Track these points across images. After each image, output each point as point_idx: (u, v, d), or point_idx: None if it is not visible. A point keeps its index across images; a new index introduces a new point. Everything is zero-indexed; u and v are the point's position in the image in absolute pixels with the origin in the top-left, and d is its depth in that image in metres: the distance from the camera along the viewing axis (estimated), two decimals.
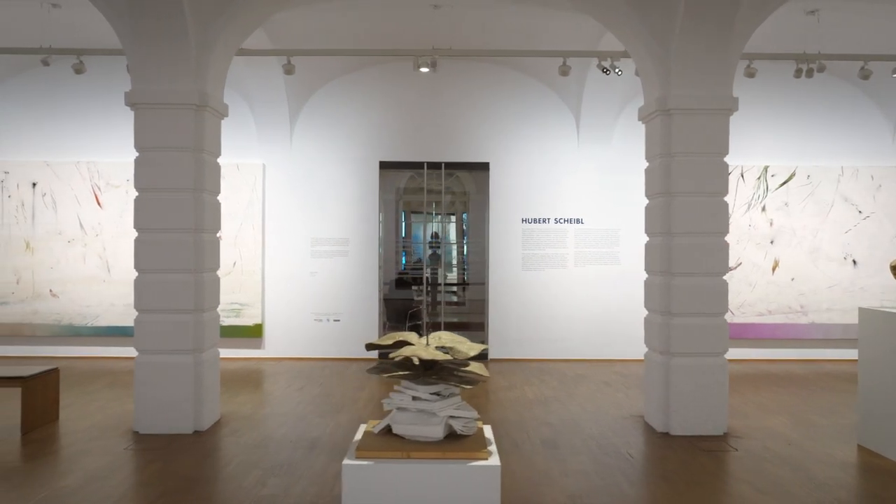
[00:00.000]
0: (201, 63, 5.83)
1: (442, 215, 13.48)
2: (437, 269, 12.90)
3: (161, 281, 5.82)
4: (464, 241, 15.93)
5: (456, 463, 3.15)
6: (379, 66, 9.67)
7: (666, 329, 5.94)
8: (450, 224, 15.42)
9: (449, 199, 10.44)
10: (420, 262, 15.42)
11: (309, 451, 5.32)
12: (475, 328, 10.76)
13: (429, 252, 13.65)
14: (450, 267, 14.01)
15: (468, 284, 11.35)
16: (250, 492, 4.45)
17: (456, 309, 11.10)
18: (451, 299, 10.57)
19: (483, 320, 10.65)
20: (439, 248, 13.64)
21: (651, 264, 6.23)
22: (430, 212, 14.36)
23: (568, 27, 8.32)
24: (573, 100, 9.65)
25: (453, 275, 13.77)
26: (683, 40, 5.74)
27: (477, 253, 11.56)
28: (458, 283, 12.10)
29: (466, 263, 14.97)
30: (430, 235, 14.29)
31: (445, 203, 14.35)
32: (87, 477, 4.71)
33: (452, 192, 10.36)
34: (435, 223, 15.14)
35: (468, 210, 15.51)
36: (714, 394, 5.89)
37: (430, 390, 3.34)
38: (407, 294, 10.77)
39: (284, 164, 9.71)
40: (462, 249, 15.01)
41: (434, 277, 12.29)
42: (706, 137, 5.88)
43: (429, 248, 13.65)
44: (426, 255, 13.79)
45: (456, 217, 15.77)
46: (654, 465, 5.09)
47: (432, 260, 13.24)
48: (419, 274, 12.58)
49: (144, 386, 5.81)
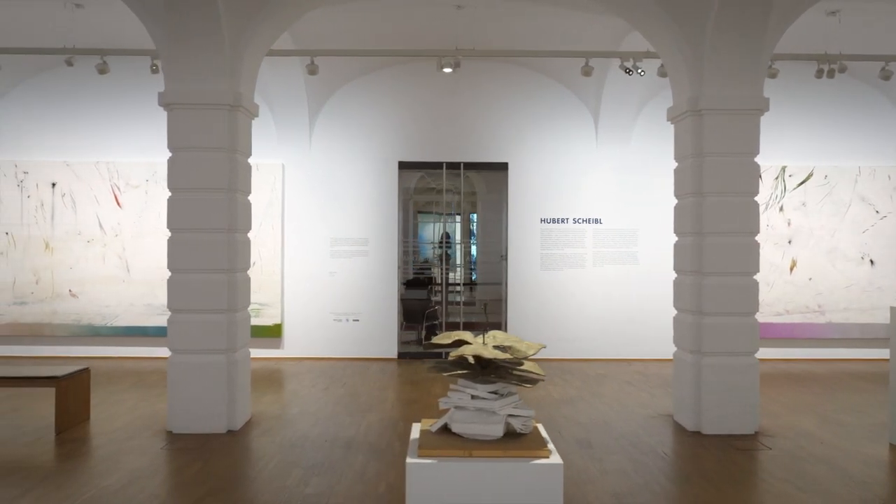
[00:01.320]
0: (235, 63, 5.84)
1: (451, 216, 13.53)
2: (447, 269, 12.94)
3: (194, 281, 5.82)
4: (471, 240, 15.98)
5: (518, 461, 3.17)
6: (398, 67, 9.69)
7: (697, 328, 5.97)
8: (461, 224, 15.47)
9: (460, 199, 10.46)
10: (426, 262, 15.46)
11: (346, 451, 5.34)
12: (493, 328, 10.75)
13: (438, 252, 13.69)
14: (455, 267, 14.03)
15: (487, 285, 11.34)
16: (294, 491, 4.47)
17: (471, 308, 11.10)
18: (462, 299, 10.56)
19: (500, 320, 10.69)
20: (450, 248, 13.67)
21: (681, 264, 6.26)
22: (439, 212, 14.40)
23: (589, 28, 8.35)
24: (592, 100, 9.68)
25: (458, 275, 13.80)
26: (716, 40, 5.76)
27: (490, 253, 11.57)
28: (476, 283, 12.09)
29: (474, 263, 15.01)
30: (440, 235, 14.33)
31: (456, 203, 14.34)
32: (129, 476, 4.72)
33: (462, 193, 10.36)
34: (445, 223, 15.18)
35: (477, 210, 15.55)
36: (745, 393, 5.92)
37: (488, 389, 3.36)
38: (420, 294, 10.78)
39: (304, 164, 9.73)
40: (470, 250, 15.04)
41: (444, 277, 12.31)
42: (737, 138, 5.91)
43: (438, 247, 13.69)
44: (435, 254, 13.81)
45: (462, 217, 15.82)
46: (692, 464, 5.11)
47: (442, 260, 13.27)
48: (430, 274, 12.62)
49: (178, 386, 5.82)
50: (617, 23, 8.18)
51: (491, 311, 10.24)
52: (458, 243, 14.74)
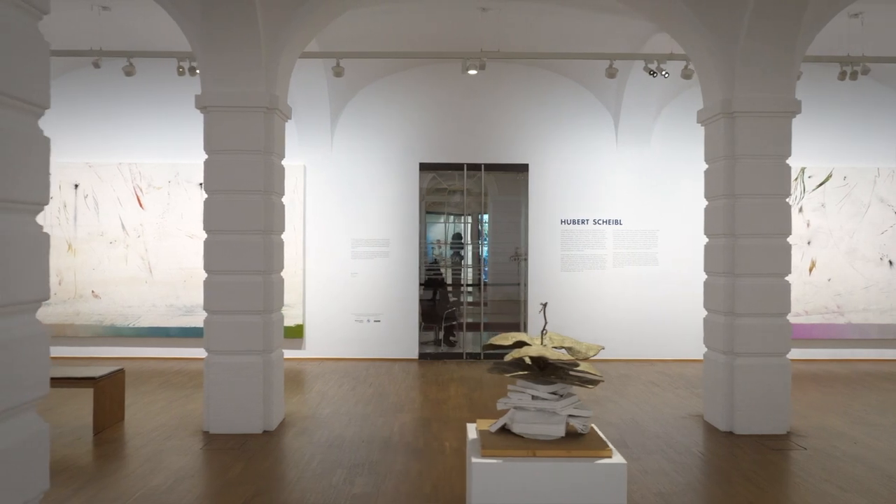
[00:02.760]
0: (271, 66, 5.89)
1: (461, 216, 13.52)
2: (459, 270, 12.97)
3: (231, 282, 5.86)
4: (479, 241, 15.98)
5: (583, 461, 3.21)
6: (419, 68, 9.73)
7: (729, 329, 6.01)
8: (479, 224, 15.48)
9: (476, 199, 10.53)
10: (434, 262, 15.47)
11: (384, 451, 5.38)
12: (509, 328, 10.82)
13: (450, 252, 13.71)
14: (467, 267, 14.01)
15: (500, 286, 11.33)
16: (341, 490, 4.51)
17: (489, 308, 11.10)
18: (484, 299, 10.58)
19: (518, 320, 10.73)
20: (462, 249, 13.70)
21: (712, 265, 6.30)
22: (449, 212, 14.41)
23: (613, 30, 8.39)
24: (612, 102, 9.72)
25: (471, 275, 13.80)
26: (749, 43, 5.81)
27: (504, 253, 11.57)
28: (490, 284, 12.06)
29: (487, 264, 15.01)
30: (452, 236, 14.36)
31: (468, 204, 14.35)
32: (175, 476, 4.76)
33: (483, 193, 10.39)
34: (457, 223, 15.17)
35: (488, 211, 15.57)
36: (777, 393, 5.96)
37: (548, 390, 3.40)
38: (436, 294, 10.82)
39: (325, 166, 9.77)
40: (482, 250, 15.04)
41: (456, 279, 12.34)
42: (769, 140, 5.96)
43: (450, 248, 13.71)
44: (448, 255, 13.82)
45: (472, 218, 15.81)
46: (730, 464, 5.15)
47: (454, 261, 13.29)
48: (440, 275, 12.63)
49: (215, 386, 5.85)
50: (640, 25, 8.23)
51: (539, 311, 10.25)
52: (476, 244, 14.77)
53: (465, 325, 10.33)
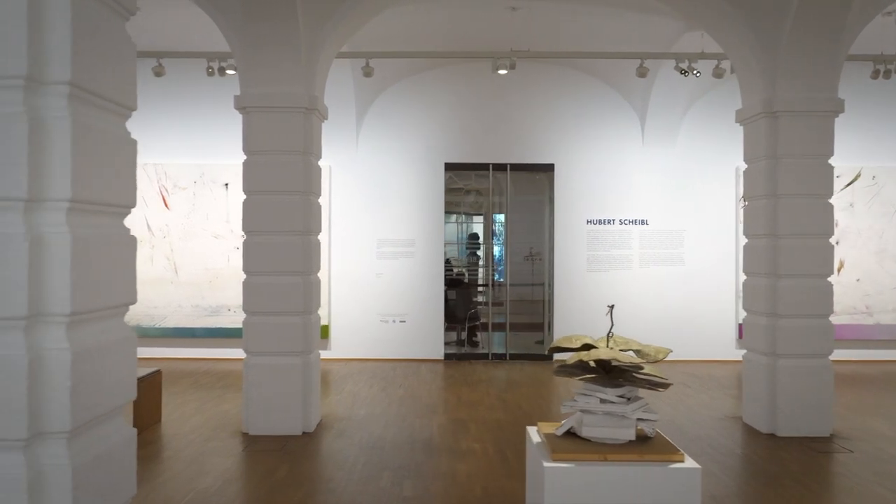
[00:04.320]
0: (310, 66, 5.86)
1: (477, 215, 13.47)
2: (476, 269, 12.94)
3: (271, 283, 5.83)
4: (493, 241, 15.95)
5: (656, 465, 3.17)
6: (445, 68, 9.69)
7: (771, 331, 5.96)
8: (493, 224, 15.47)
9: (495, 199, 10.50)
10: (447, 262, 15.42)
11: (428, 453, 5.34)
12: (531, 329, 10.82)
13: (465, 252, 13.68)
14: (485, 267, 13.97)
15: (519, 286, 11.27)
16: (391, 493, 4.48)
17: (510, 308, 11.04)
18: (508, 299, 10.52)
19: (541, 320, 10.70)
20: (479, 249, 13.66)
21: (752, 266, 6.25)
22: (466, 212, 14.37)
23: (642, 29, 8.34)
24: (638, 101, 9.68)
25: (492, 274, 13.78)
26: (793, 41, 5.76)
27: (523, 254, 11.51)
28: (510, 284, 11.98)
29: (502, 264, 14.97)
30: (469, 236, 14.33)
31: (488, 204, 14.34)
32: (222, 478, 4.74)
33: (507, 192, 10.36)
34: (473, 224, 15.13)
35: (506, 210, 15.54)
36: (820, 395, 5.91)
37: (617, 393, 3.36)
38: (460, 294, 10.79)
39: (350, 166, 9.74)
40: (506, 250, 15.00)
41: (473, 279, 12.32)
42: (812, 139, 5.91)
43: (466, 248, 13.68)
44: (463, 255, 13.79)
45: (485, 218, 15.78)
46: (778, 467, 5.10)
47: (470, 261, 13.26)
48: (462, 275, 12.60)
49: (254, 388, 5.83)
50: (670, 24, 8.18)
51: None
52: (492, 243, 14.75)
53: (490, 326, 10.28)
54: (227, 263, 9.51)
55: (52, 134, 2.01)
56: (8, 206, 1.96)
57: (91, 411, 2.14)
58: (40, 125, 2.00)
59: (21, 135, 1.95)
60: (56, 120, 2.02)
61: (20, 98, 1.98)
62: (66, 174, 2.02)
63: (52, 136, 2.02)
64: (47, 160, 2.01)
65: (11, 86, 1.96)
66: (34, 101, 2.01)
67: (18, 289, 1.95)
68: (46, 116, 2.01)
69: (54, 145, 2.02)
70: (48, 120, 2.01)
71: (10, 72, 1.95)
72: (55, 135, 2.02)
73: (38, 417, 2.00)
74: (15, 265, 1.95)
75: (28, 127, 1.96)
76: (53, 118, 2.02)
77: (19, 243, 1.95)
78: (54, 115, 2.02)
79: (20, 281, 1.95)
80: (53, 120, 2.02)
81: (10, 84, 1.96)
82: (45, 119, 2.01)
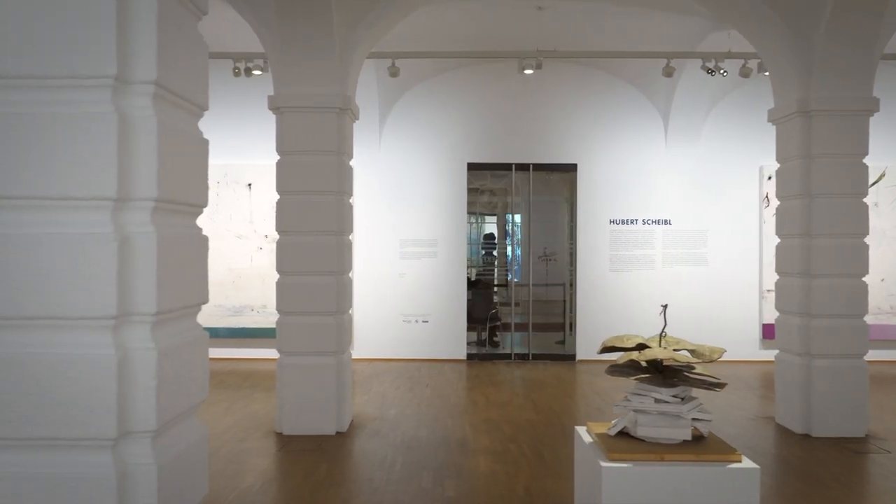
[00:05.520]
0: (344, 66, 5.86)
1: (492, 215, 13.44)
2: (493, 269, 12.94)
3: (304, 283, 5.84)
4: (512, 241, 15.95)
5: (713, 465, 3.16)
6: (467, 68, 9.69)
7: (806, 331, 5.94)
8: (506, 224, 15.48)
9: (506, 199, 10.51)
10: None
11: (464, 453, 5.34)
12: (551, 329, 10.81)
13: (482, 252, 13.68)
14: (500, 267, 13.97)
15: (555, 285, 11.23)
16: (434, 493, 4.47)
17: (528, 309, 11.01)
18: (531, 298, 10.49)
19: (560, 320, 10.70)
20: (495, 249, 13.65)
21: (786, 266, 6.22)
22: (480, 212, 14.36)
23: (668, 29, 8.32)
24: (661, 101, 9.65)
25: (512, 274, 13.78)
26: (829, 40, 5.73)
27: (540, 254, 11.49)
28: (546, 283, 11.95)
29: (517, 264, 14.96)
30: (483, 236, 14.33)
31: (503, 204, 14.27)
32: (263, 478, 4.75)
33: (530, 192, 10.34)
34: (488, 224, 15.12)
35: (521, 210, 15.53)
36: (855, 395, 5.88)
37: (671, 392, 3.35)
38: (481, 294, 10.78)
39: (373, 166, 9.74)
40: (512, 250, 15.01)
41: (489, 278, 12.31)
42: (847, 139, 5.88)
43: (481, 248, 13.67)
44: (479, 255, 13.79)
45: (498, 218, 15.78)
46: (818, 468, 5.07)
47: (486, 261, 13.26)
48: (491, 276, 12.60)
49: (288, 387, 5.83)
50: (696, 23, 8.16)
51: None
52: (509, 243, 14.76)
53: (512, 326, 10.27)
54: (251, 264, 9.54)
55: (139, 133, 2.02)
56: (98, 205, 1.96)
57: (172, 410, 2.15)
58: (128, 125, 2.00)
59: (111, 134, 1.96)
60: (143, 119, 2.02)
61: (109, 97, 1.98)
62: (152, 173, 2.03)
63: (139, 135, 2.02)
64: (134, 160, 2.01)
65: (101, 85, 1.97)
66: (122, 101, 2.01)
67: (108, 289, 1.96)
68: (134, 116, 2.02)
69: (141, 145, 2.02)
70: (135, 119, 2.02)
71: (101, 71, 1.95)
72: (142, 134, 2.02)
73: (125, 417, 2.01)
74: (105, 265, 1.95)
75: (118, 126, 1.97)
76: (140, 117, 2.02)
77: (109, 243, 1.96)
78: (141, 114, 2.03)
79: (110, 281, 1.96)
80: (140, 119, 2.02)
81: (99, 84, 1.97)
82: (133, 118, 2.01)
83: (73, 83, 1.96)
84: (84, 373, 1.95)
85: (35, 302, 1.96)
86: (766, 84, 9.04)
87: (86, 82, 1.96)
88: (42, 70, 1.95)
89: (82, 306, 1.95)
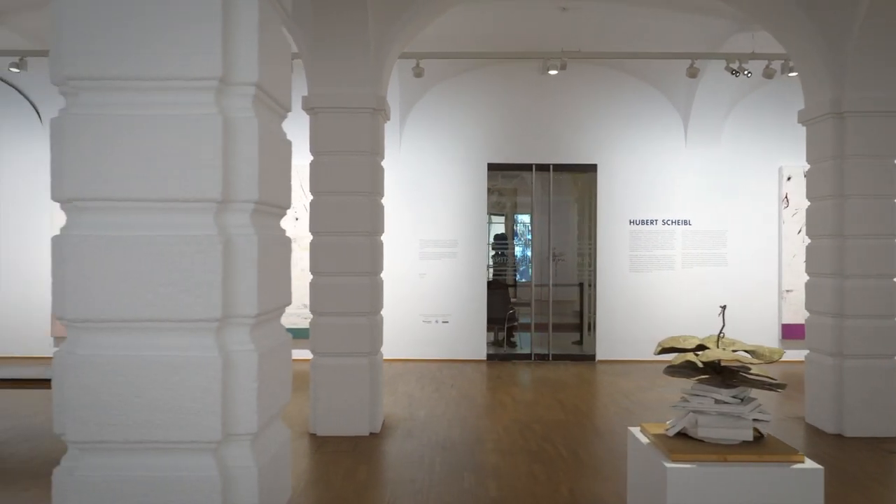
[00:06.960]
0: (378, 66, 5.86)
1: (501, 216, 13.42)
2: (505, 270, 12.95)
3: (338, 284, 5.84)
4: (514, 241, 15.97)
5: (777, 466, 3.17)
6: (488, 68, 9.69)
7: (838, 331, 5.95)
8: (514, 224, 15.50)
9: (526, 200, 10.50)
10: None
11: (500, 454, 5.34)
12: (568, 329, 10.82)
13: (493, 253, 13.69)
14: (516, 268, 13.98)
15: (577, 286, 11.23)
16: (477, 493, 4.48)
17: (546, 308, 11.02)
18: (551, 299, 10.50)
19: (576, 321, 10.72)
20: (506, 250, 13.66)
21: (817, 266, 6.23)
22: (491, 212, 14.36)
23: (691, 30, 8.33)
24: (681, 101, 9.66)
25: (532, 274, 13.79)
26: (863, 40, 5.74)
27: (559, 254, 11.48)
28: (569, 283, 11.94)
29: (527, 264, 14.97)
30: (494, 237, 14.33)
31: (511, 205, 14.25)
32: (303, 479, 4.75)
33: (550, 193, 10.34)
34: (499, 224, 15.13)
35: (532, 211, 15.56)
36: (887, 395, 5.89)
37: (731, 393, 3.35)
38: (499, 295, 10.78)
39: (393, 166, 9.72)
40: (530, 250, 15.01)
41: (503, 280, 12.32)
42: (880, 139, 5.89)
43: (492, 248, 13.68)
44: (490, 256, 13.79)
45: (506, 218, 15.79)
46: (855, 468, 5.08)
47: (497, 262, 13.26)
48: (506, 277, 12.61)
49: (322, 388, 5.84)
50: (720, 24, 8.17)
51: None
52: (519, 243, 14.75)
53: (532, 326, 10.27)
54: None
55: (241, 135, 2.02)
56: (203, 207, 1.96)
57: (269, 412, 2.15)
58: (231, 126, 2.00)
59: (216, 136, 1.96)
60: (244, 121, 2.02)
61: (213, 99, 1.98)
62: (253, 175, 2.03)
63: (241, 137, 2.02)
64: (237, 161, 2.01)
65: (205, 87, 1.97)
66: (225, 102, 2.01)
67: (214, 291, 1.96)
68: (237, 118, 2.02)
69: (242, 146, 2.02)
70: (238, 121, 2.02)
71: (207, 73, 1.95)
72: (243, 136, 2.02)
73: (229, 420, 2.01)
74: (210, 267, 1.95)
75: (222, 128, 1.97)
76: (242, 119, 2.02)
77: (214, 245, 1.96)
78: (243, 115, 2.03)
79: (215, 283, 1.96)
80: (242, 121, 2.02)
81: (204, 86, 1.97)
82: (236, 120, 2.01)
83: (179, 85, 1.96)
84: (189, 376, 1.96)
85: (139, 304, 1.96)
86: (786, 85, 9.10)
87: (191, 84, 1.96)
88: (147, 72, 1.95)
89: (188, 308, 1.95)
